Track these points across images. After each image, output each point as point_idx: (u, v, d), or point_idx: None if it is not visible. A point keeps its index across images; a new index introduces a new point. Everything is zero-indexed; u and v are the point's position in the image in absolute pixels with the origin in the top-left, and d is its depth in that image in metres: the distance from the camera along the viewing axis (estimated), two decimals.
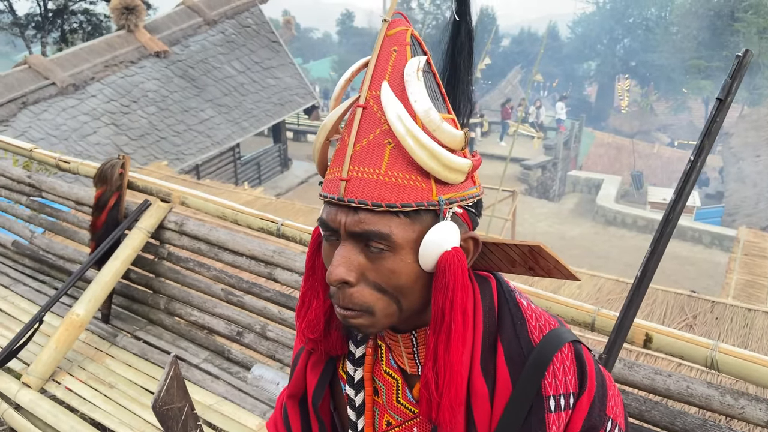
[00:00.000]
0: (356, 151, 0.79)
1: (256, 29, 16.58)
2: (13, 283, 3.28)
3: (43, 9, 21.75)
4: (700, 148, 1.31)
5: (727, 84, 1.08)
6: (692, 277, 12.75)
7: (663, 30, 35.04)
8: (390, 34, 0.82)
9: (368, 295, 0.79)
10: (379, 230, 0.77)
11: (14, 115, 10.86)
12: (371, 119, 0.79)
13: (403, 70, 0.80)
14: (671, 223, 1.45)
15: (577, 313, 1.81)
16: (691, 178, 1.40)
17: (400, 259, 0.79)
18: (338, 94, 0.89)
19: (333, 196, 0.80)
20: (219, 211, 2.67)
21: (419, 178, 0.78)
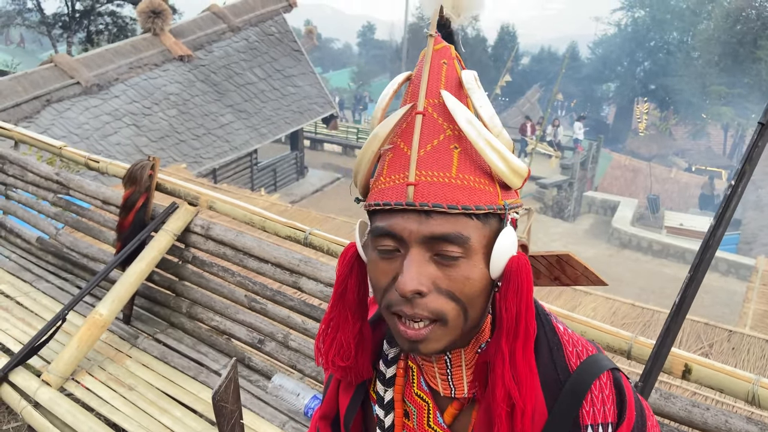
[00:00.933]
0: (421, 156, 0.78)
1: (279, 38, 16.72)
2: (35, 279, 3.29)
3: (70, 9, 22.09)
4: (741, 173, 1.29)
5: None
6: (707, 305, 12.57)
7: (684, 55, 34.89)
8: (437, 49, 0.84)
9: (442, 302, 0.77)
10: (458, 232, 0.76)
11: (38, 112, 10.98)
12: (432, 126, 0.80)
13: (455, 81, 0.83)
14: (711, 249, 1.43)
15: (612, 339, 1.78)
16: (731, 204, 1.37)
17: (474, 264, 0.77)
18: (386, 105, 0.88)
19: (399, 202, 0.77)
20: (246, 217, 2.66)
21: (487, 182, 0.79)
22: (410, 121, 0.81)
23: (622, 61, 39.00)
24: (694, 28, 35.68)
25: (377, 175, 0.83)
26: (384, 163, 0.83)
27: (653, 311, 5.45)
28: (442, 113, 0.80)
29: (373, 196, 0.82)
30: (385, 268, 0.80)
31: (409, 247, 0.77)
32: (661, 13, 36.60)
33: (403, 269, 0.76)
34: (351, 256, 0.90)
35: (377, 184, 0.82)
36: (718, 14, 32.77)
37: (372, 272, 0.82)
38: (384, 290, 0.80)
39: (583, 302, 5.66)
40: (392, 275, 0.79)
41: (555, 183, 18.93)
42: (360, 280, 0.91)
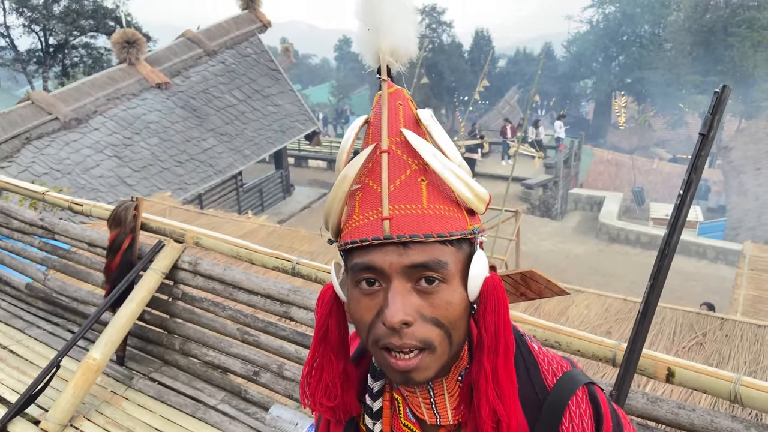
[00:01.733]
0: (392, 191, 0.82)
1: (256, 58, 16.78)
2: (27, 327, 3.29)
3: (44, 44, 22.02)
4: (688, 183, 1.33)
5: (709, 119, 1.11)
6: (698, 293, 12.69)
7: (657, 47, 35.34)
8: (391, 92, 0.87)
9: (429, 329, 0.79)
10: (437, 258, 0.79)
11: (18, 150, 10.94)
12: (397, 163, 0.84)
13: (413, 119, 0.87)
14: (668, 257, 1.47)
15: (597, 348, 1.82)
16: (682, 212, 1.42)
17: (453, 289, 0.80)
18: (349, 148, 0.91)
19: (376, 237, 0.80)
20: (233, 251, 2.69)
21: (456, 209, 0.83)
22: (376, 160, 0.84)
23: (597, 57, 39.42)
24: (664, 20, 36.16)
25: (349, 214, 0.86)
26: (355, 203, 0.85)
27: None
28: (406, 150, 0.84)
29: (348, 234, 0.84)
30: (368, 304, 0.81)
31: (390, 280, 0.79)
32: (630, 8, 37.07)
33: (388, 302, 0.78)
34: (329, 297, 0.92)
35: (351, 223, 0.84)
36: (687, 5, 33.26)
37: (355, 310, 0.83)
38: (369, 326, 0.82)
39: (576, 300, 5.70)
40: (376, 310, 0.81)
41: (540, 183, 19.07)
42: (340, 320, 0.92)
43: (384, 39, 0.85)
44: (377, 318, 0.80)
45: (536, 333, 1.91)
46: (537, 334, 1.91)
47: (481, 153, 20.67)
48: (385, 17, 0.85)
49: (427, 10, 39.57)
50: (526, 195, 18.74)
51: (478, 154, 20.45)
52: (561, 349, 1.87)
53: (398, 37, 0.86)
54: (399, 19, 0.86)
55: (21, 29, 22.01)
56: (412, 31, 0.88)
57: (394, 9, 0.85)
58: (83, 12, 21.68)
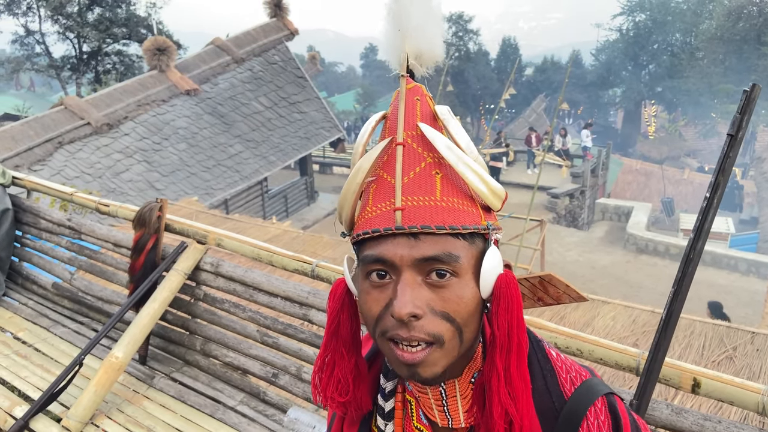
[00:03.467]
0: (405, 183, 0.81)
1: (283, 66, 16.96)
2: (52, 325, 3.34)
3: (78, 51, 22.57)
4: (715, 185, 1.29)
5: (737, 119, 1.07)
6: (730, 306, 12.39)
7: (689, 55, 34.80)
8: (409, 87, 0.88)
9: (438, 323, 0.78)
10: (449, 251, 0.78)
11: (50, 154, 11.20)
12: (412, 155, 0.83)
13: (430, 115, 0.87)
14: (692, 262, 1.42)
15: (620, 357, 1.78)
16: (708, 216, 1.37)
17: (465, 284, 0.79)
18: (365, 141, 0.91)
19: (388, 227, 0.79)
20: (254, 252, 2.70)
21: (470, 204, 0.83)
22: (391, 153, 0.84)
23: (627, 66, 38.98)
24: (696, 29, 35.64)
25: (362, 206, 0.85)
26: (369, 195, 0.85)
27: None
28: (421, 143, 0.84)
29: (361, 226, 0.83)
30: (378, 297, 0.80)
31: (401, 272, 0.78)
32: (662, 16, 36.61)
33: (397, 294, 0.77)
34: (341, 291, 0.92)
35: (364, 215, 0.84)
36: (720, 13, 32.73)
37: (364, 302, 0.83)
38: (377, 318, 0.80)
39: (602, 312, 5.61)
40: (385, 302, 0.80)
41: (566, 192, 18.85)
42: (352, 314, 0.92)
43: (410, 42, 0.86)
44: (386, 310, 0.79)
45: (558, 340, 1.87)
46: (558, 341, 1.87)
47: (506, 161, 20.54)
48: (413, 21, 0.85)
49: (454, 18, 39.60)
50: (552, 204, 18.54)
51: (503, 163, 20.32)
52: (583, 356, 1.83)
53: (424, 41, 0.87)
54: (427, 24, 0.86)
55: (56, 36, 22.63)
56: (438, 37, 0.88)
57: (422, 14, 0.85)
58: (116, 20, 22.20)
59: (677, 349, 4.71)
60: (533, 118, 33.66)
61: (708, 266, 14.47)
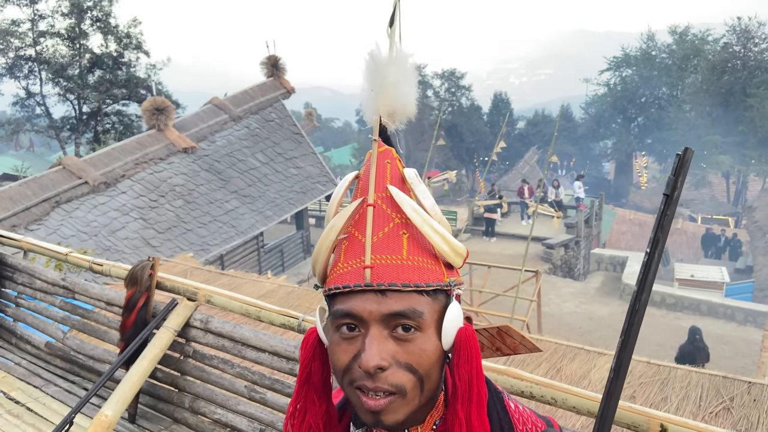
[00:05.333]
0: (375, 242, 0.88)
1: (280, 122, 17.33)
2: (45, 384, 3.37)
3: (78, 112, 23.02)
4: (654, 241, 1.37)
5: (671, 180, 1.17)
6: (728, 356, 12.32)
7: (676, 108, 35.64)
8: (381, 151, 0.96)
9: (401, 375, 0.84)
10: (414, 307, 0.83)
11: (47, 213, 11.32)
12: (382, 215, 0.90)
13: (399, 177, 0.94)
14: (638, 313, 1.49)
15: (592, 405, 1.84)
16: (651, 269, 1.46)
17: (428, 338, 0.85)
18: (339, 200, 0.98)
19: (357, 284, 0.84)
20: (243, 308, 2.77)
21: (434, 262, 0.88)
22: (362, 213, 0.91)
23: (616, 119, 39.82)
24: (682, 83, 36.59)
25: (335, 261, 0.91)
26: (341, 251, 0.91)
27: (669, 368, 5.38)
28: (390, 204, 0.91)
29: (333, 280, 0.88)
30: (347, 348, 0.85)
31: (369, 326, 0.83)
32: (647, 71, 37.65)
33: (365, 347, 0.82)
34: (313, 341, 0.97)
35: (335, 270, 0.89)
36: (704, 67, 33.69)
37: (334, 353, 0.87)
38: (346, 368, 0.86)
39: (598, 363, 5.61)
40: (353, 354, 0.85)
41: (561, 243, 18.96)
42: (323, 363, 0.96)
43: (384, 101, 0.93)
44: (354, 361, 0.85)
45: (532, 389, 1.93)
46: (533, 390, 1.93)
47: (500, 213, 20.72)
48: (387, 82, 0.93)
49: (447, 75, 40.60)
50: (547, 255, 18.61)
51: (498, 214, 20.49)
52: (557, 405, 1.89)
53: (398, 99, 0.94)
54: (400, 83, 0.93)
55: (56, 98, 23.12)
56: (411, 95, 0.96)
57: (396, 75, 0.93)
58: (117, 81, 22.75)
59: (674, 400, 4.71)
60: (526, 170, 34.14)
61: (705, 316, 14.45)
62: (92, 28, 22.62)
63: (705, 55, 35.10)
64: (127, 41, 23.00)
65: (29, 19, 22.19)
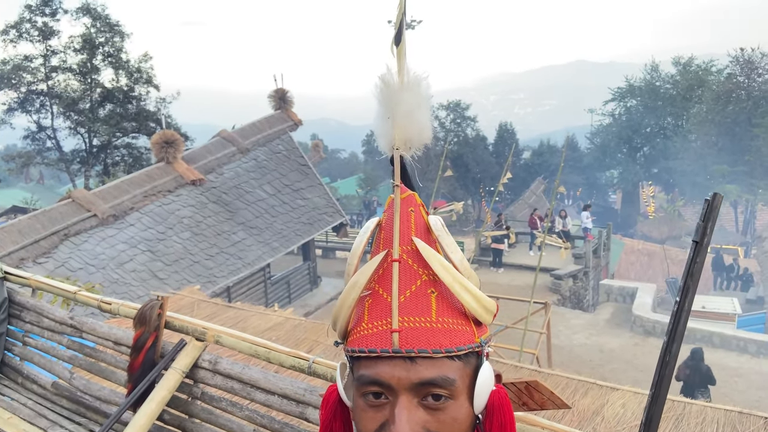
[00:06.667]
0: (402, 302, 0.82)
1: (287, 154, 17.47)
2: (50, 426, 3.31)
3: (88, 145, 23.29)
4: (685, 289, 1.35)
5: (701, 226, 1.14)
6: (741, 390, 12.09)
7: (682, 138, 35.75)
8: (403, 197, 0.91)
9: None
10: (445, 375, 0.79)
11: (56, 246, 11.35)
12: (407, 272, 0.85)
13: (423, 227, 0.90)
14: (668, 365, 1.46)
15: None
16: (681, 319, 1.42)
17: (460, 405, 0.81)
18: (361, 252, 0.93)
19: (385, 349, 0.80)
20: (252, 349, 2.73)
21: (464, 322, 0.84)
22: (387, 268, 0.86)
23: (622, 148, 39.96)
24: (687, 113, 36.78)
25: (357, 320, 0.86)
26: (364, 309, 0.86)
27: (684, 404, 5.28)
28: (417, 259, 0.85)
29: (356, 342, 0.84)
30: (374, 416, 0.81)
31: (397, 395, 0.79)
32: (652, 101, 37.90)
33: (395, 418, 0.78)
34: (333, 400, 0.93)
35: (359, 330, 0.85)
36: (708, 98, 33.89)
37: (360, 420, 0.83)
38: None
39: (611, 399, 5.50)
40: (380, 422, 0.81)
41: (570, 273, 18.83)
42: (344, 422, 0.92)
43: (399, 130, 0.89)
44: (382, 430, 0.80)
45: None
46: None
47: (507, 243, 20.66)
48: (402, 109, 0.88)
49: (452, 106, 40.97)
50: (556, 286, 18.47)
51: (505, 245, 20.43)
52: None
53: (413, 127, 0.89)
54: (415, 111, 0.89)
55: (67, 131, 23.43)
56: (426, 122, 0.91)
57: (411, 102, 0.88)
58: (127, 115, 23.08)
59: None
60: (533, 200, 34.13)
61: (717, 348, 14.23)
62: (104, 63, 23.04)
63: (709, 85, 35.34)
64: (138, 75, 23.40)
65: (42, 55, 22.64)
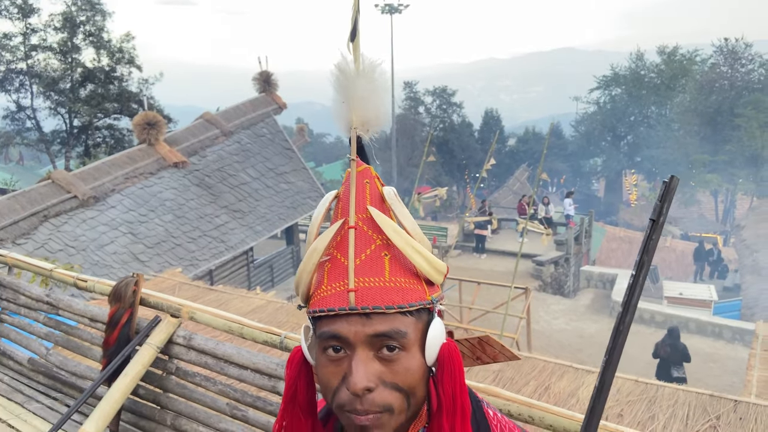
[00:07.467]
0: (357, 264, 0.90)
1: (271, 138, 17.38)
2: (27, 401, 3.34)
3: (69, 126, 22.98)
4: (640, 264, 1.41)
5: (657, 206, 1.20)
6: (716, 375, 12.37)
7: (665, 127, 36.09)
8: (359, 170, 0.97)
9: (388, 395, 0.86)
10: (398, 328, 0.86)
11: (35, 228, 11.24)
12: (363, 238, 0.92)
13: (378, 197, 0.96)
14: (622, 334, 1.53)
15: (569, 423, 1.86)
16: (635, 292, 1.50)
17: (412, 356, 0.87)
18: (320, 222, 0.99)
19: (342, 307, 0.86)
20: (226, 325, 2.77)
21: (416, 281, 0.91)
22: (344, 235, 0.93)
23: (606, 137, 40.24)
24: (670, 102, 37.09)
25: (318, 284, 0.92)
26: (323, 273, 0.93)
27: (657, 386, 5.42)
28: (371, 226, 0.93)
29: (317, 303, 0.90)
30: (334, 370, 0.88)
31: (354, 348, 0.86)
32: (636, 90, 38.13)
33: (352, 369, 0.85)
34: (298, 360, 0.99)
35: (319, 293, 0.91)
36: (692, 87, 34.20)
37: (322, 375, 0.90)
38: (335, 390, 0.88)
39: (586, 381, 5.63)
40: (341, 376, 0.87)
41: (551, 260, 19.04)
42: (308, 381, 0.99)
43: (356, 113, 0.95)
44: (342, 383, 0.87)
45: (510, 407, 1.95)
46: (511, 408, 1.95)
47: (490, 229, 20.80)
48: (358, 95, 0.94)
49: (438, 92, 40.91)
50: (537, 272, 18.68)
51: (488, 231, 20.57)
52: (534, 423, 1.91)
53: (370, 111, 0.96)
54: (372, 96, 0.95)
55: (47, 111, 23.10)
56: (383, 106, 0.97)
57: (367, 88, 0.94)
58: (108, 96, 22.77)
59: (662, 418, 4.73)
60: (517, 187, 34.37)
61: (693, 334, 14.51)
62: (85, 42, 22.67)
63: (693, 75, 35.65)
64: (120, 56, 23.05)
65: (21, 33, 22.22)
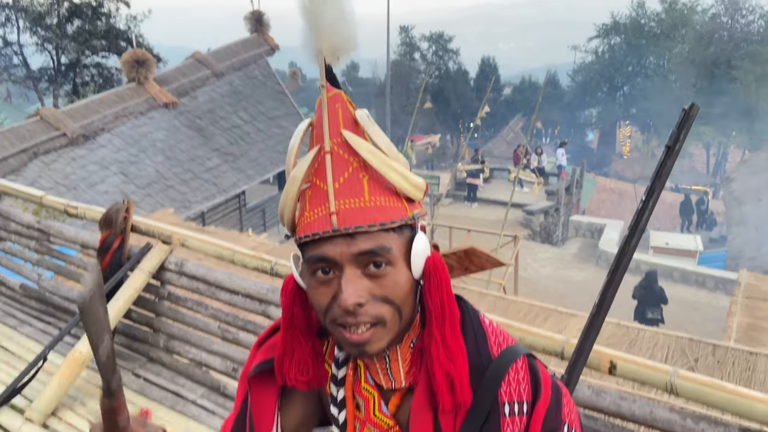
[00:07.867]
0: (336, 188, 0.92)
1: (263, 80, 17.10)
2: (19, 324, 3.41)
3: (56, 63, 22.47)
4: (651, 190, 1.45)
5: (674, 133, 1.21)
6: (696, 322, 12.68)
7: (662, 78, 35.72)
8: (330, 96, 0.98)
9: (379, 307, 0.90)
10: (382, 244, 0.88)
11: (25, 165, 11.17)
12: (339, 162, 0.94)
13: (351, 120, 0.97)
14: (627, 255, 1.59)
15: (547, 342, 1.93)
16: (643, 217, 1.55)
17: (399, 270, 0.90)
18: (296, 151, 1.01)
19: (326, 230, 0.89)
20: (216, 251, 2.81)
21: (395, 199, 0.93)
22: (321, 161, 0.95)
23: (602, 87, 39.82)
24: (669, 52, 36.59)
25: (300, 211, 0.95)
26: (305, 200, 0.95)
27: (638, 329, 5.57)
28: (347, 149, 0.94)
29: (302, 229, 0.92)
30: (325, 291, 0.90)
31: (342, 268, 0.88)
32: (636, 39, 37.55)
33: (342, 287, 0.87)
34: (291, 287, 1.02)
35: (303, 220, 0.93)
36: (691, 37, 33.71)
37: (313, 296, 0.92)
38: (327, 309, 0.92)
39: (570, 324, 5.78)
40: (331, 295, 0.91)
41: (541, 209, 19.14)
42: (303, 306, 1.02)
43: (324, 39, 0.95)
44: (333, 302, 0.90)
45: None
46: None
47: (482, 178, 20.82)
48: (326, 21, 0.94)
49: (434, 38, 40.13)
50: (527, 221, 18.81)
51: (480, 180, 20.59)
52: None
53: (339, 38, 0.96)
54: (340, 23, 0.95)
55: (34, 48, 22.52)
56: (351, 33, 0.97)
57: (335, 15, 0.94)
58: (96, 32, 22.16)
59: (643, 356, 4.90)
60: (511, 137, 34.20)
61: (677, 282, 14.79)
62: None
63: (693, 25, 35.07)
64: None
65: None
